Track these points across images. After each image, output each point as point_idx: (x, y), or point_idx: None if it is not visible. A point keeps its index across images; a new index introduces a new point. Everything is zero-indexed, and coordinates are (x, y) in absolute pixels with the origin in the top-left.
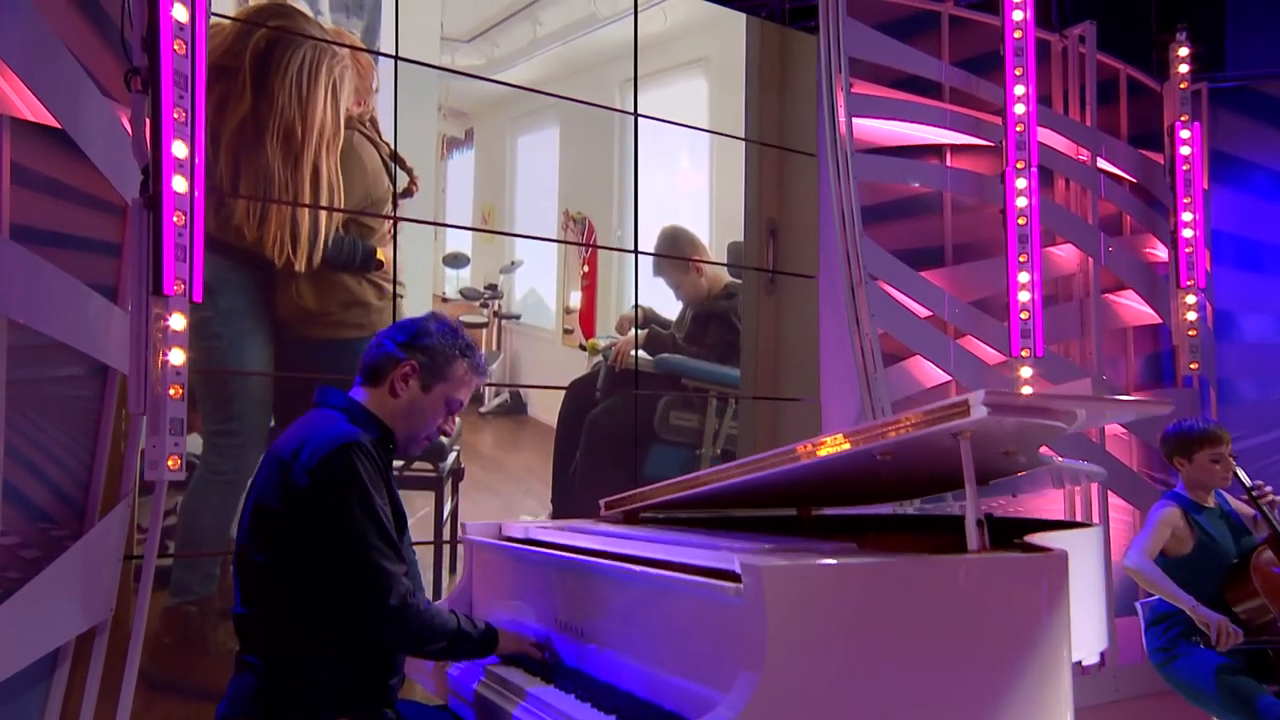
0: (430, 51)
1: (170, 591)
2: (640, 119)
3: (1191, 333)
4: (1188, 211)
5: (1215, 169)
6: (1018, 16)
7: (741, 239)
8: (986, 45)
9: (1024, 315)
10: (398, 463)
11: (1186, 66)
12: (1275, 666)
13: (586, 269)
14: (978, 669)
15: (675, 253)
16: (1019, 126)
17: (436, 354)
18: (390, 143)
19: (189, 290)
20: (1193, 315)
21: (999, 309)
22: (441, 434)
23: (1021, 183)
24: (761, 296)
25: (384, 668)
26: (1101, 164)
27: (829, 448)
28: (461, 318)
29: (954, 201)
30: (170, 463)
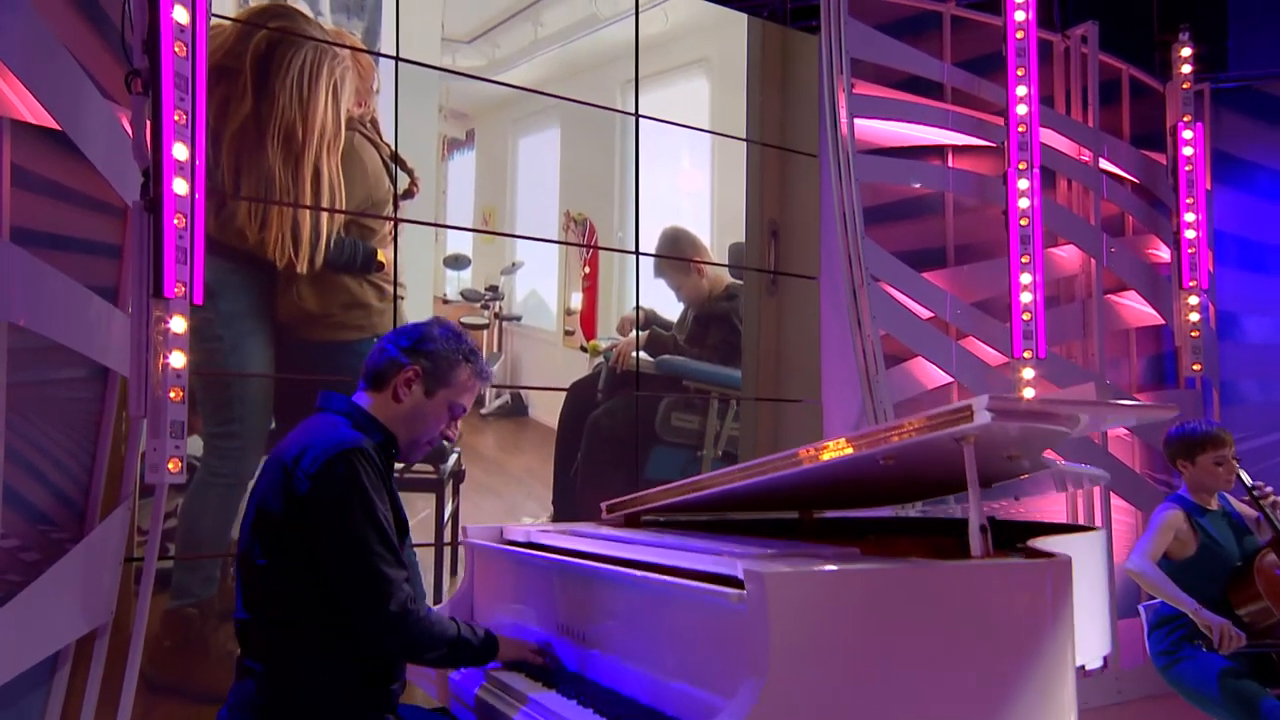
0: (431, 52)
1: (170, 594)
2: (641, 120)
3: (1194, 334)
4: (1190, 212)
5: (1218, 169)
6: (1020, 17)
7: (743, 240)
8: (988, 46)
9: (1026, 316)
10: (398, 466)
11: (1189, 67)
12: (1279, 669)
13: (587, 270)
14: (981, 675)
15: (676, 254)
16: (1021, 127)
17: (440, 359)
18: (391, 144)
19: (189, 293)
20: (1195, 316)
21: (1001, 310)
22: (444, 439)
23: (1023, 183)
24: (763, 298)
25: (386, 673)
26: (1104, 164)
27: (831, 452)
28: (462, 319)
29: (956, 202)
30: (171, 466)
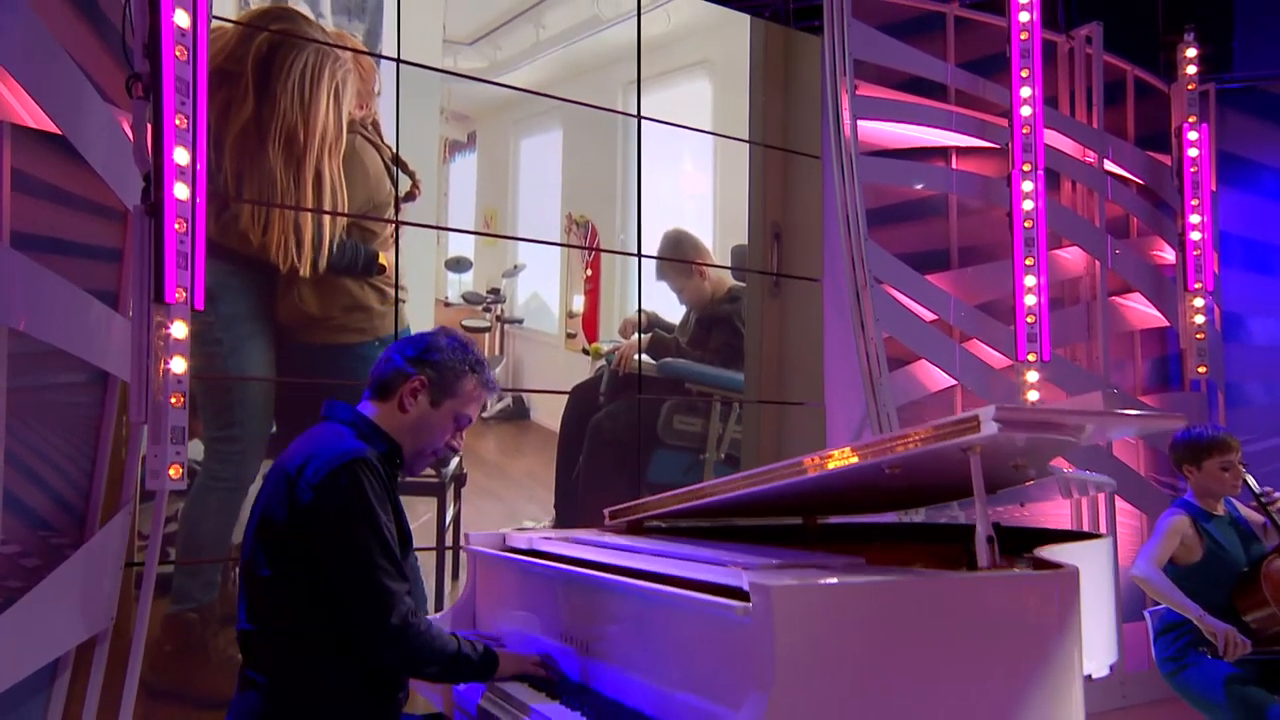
0: (432, 54)
1: (171, 599)
2: (644, 121)
3: (1199, 336)
4: (1195, 213)
5: (1223, 170)
6: (1024, 18)
7: (745, 242)
8: (992, 46)
9: (1030, 319)
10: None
11: (1194, 67)
12: None
13: (589, 272)
14: (988, 687)
15: (678, 256)
16: (1025, 128)
17: (446, 369)
18: (392, 146)
19: (190, 298)
20: (1200, 318)
21: (1005, 313)
22: (449, 450)
23: (1028, 185)
24: (765, 300)
25: (389, 684)
26: (1108, 166)
27: (837, 461)
28: (464, 322)
29: (959, 204)
30: (172, 471)
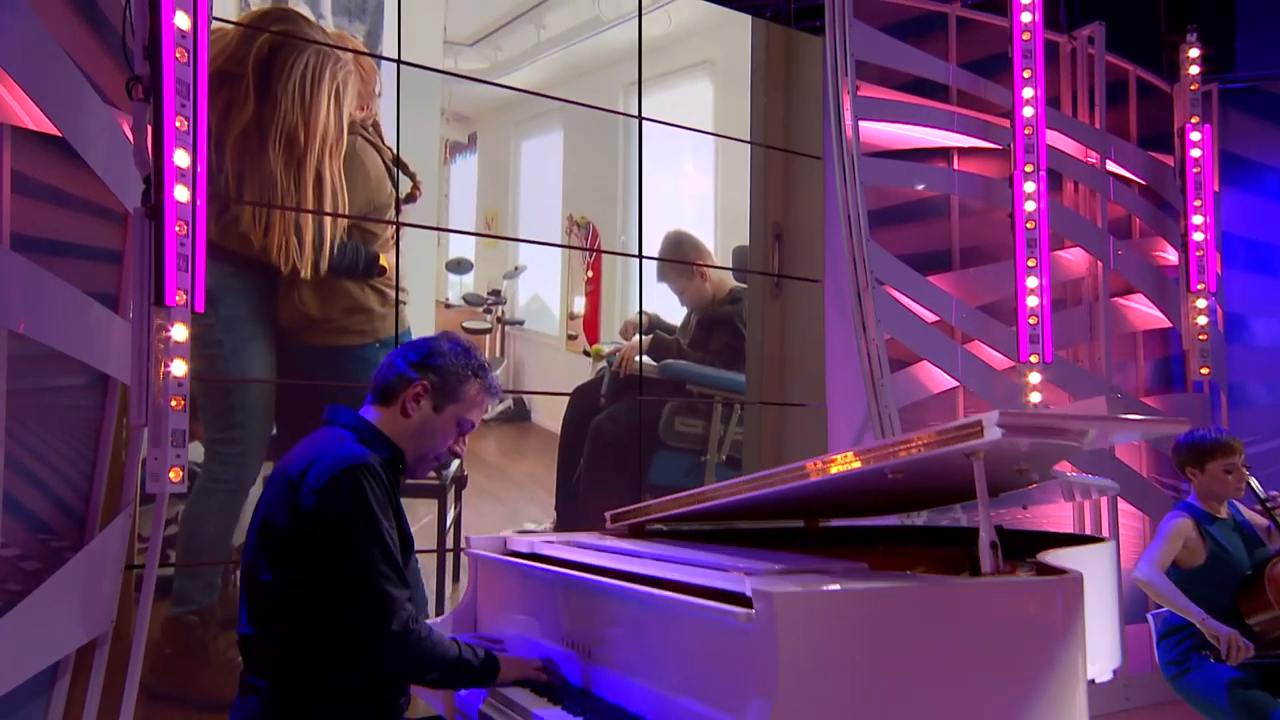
0: (433, 55)
1: (171, 601)
2: (645, 122)
3: (1202, 337)
4: (1198, 214)
5: (1226, 171)
6: (1026, 18)
7: (747, 243)
8: (994, 47)
9: (1032, 320)
10: None
11: (1197, 68)
12: None
13: (590, 274)
14: (992, 693)
15: (679, 258)
16: (1027, 129)
17: (449, 374)
18: (393, 148)
19: (191, 300)
20: (1203, 319)
21: (1007, 314)
22: (452, 455)
23: (1030, 186)
24: (767, 301)
25: (391, 690)
26: (1111, 166)
27: (839, 466)
28: (464, 324)
29: (961, 205)
30: (172, 475)
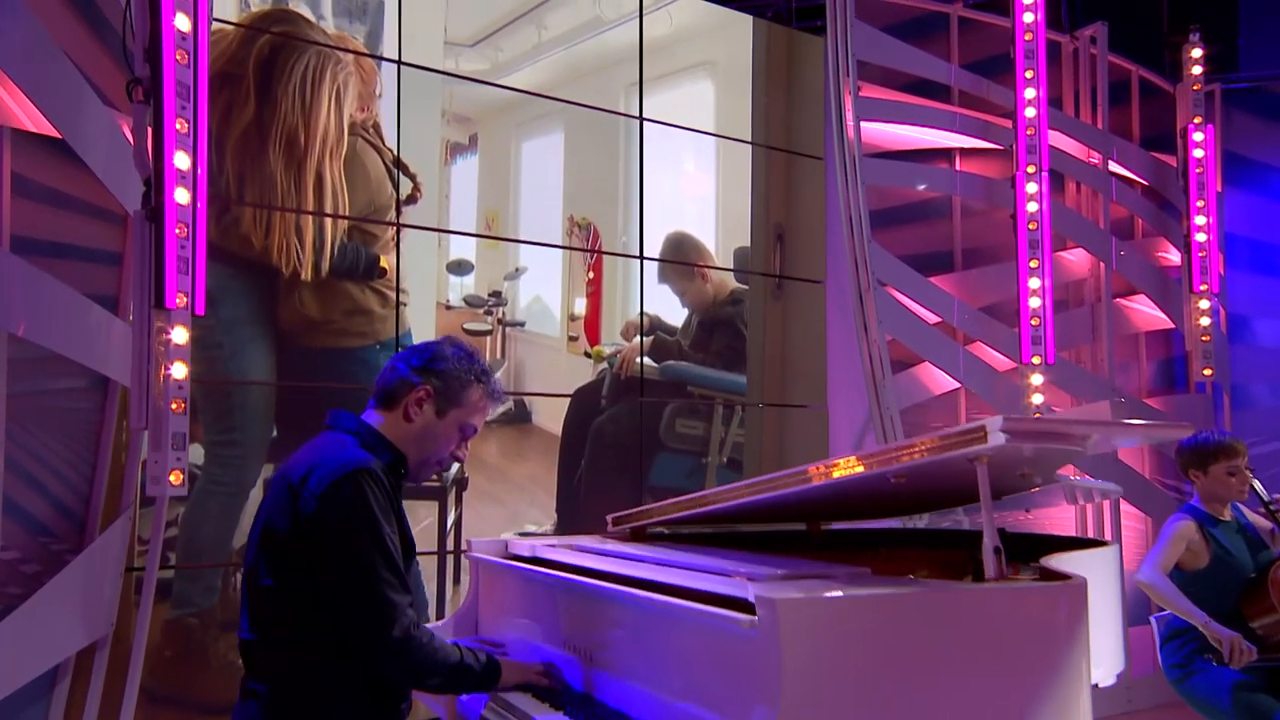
0: (434, 56)
1: (171, 604)
2: (646, 123)
3: (1205, 338)
4: (1201, 215)
5: (1228, 171)
6: (1028, 18)
7: (748, 244)
8: (996, 47)
9: (1035, 321)
10: None
11: (1199, 68)
12: None
13: (591, 275)
14: (997, 698)
15: (680, 259)
16: (1029, 130)
17: (451, 379)
18: (394, 149)
19: (191, 303)
20: (1206, 320)
21: (1009, 315)
22: (454, 459)
23: (1032, 187)
24: (768, 302)
25: (391, 695)
26: (1113, 167)
27: (842, 470)
28: (465, 325)
29: (963, 206)
30: (173, 478)
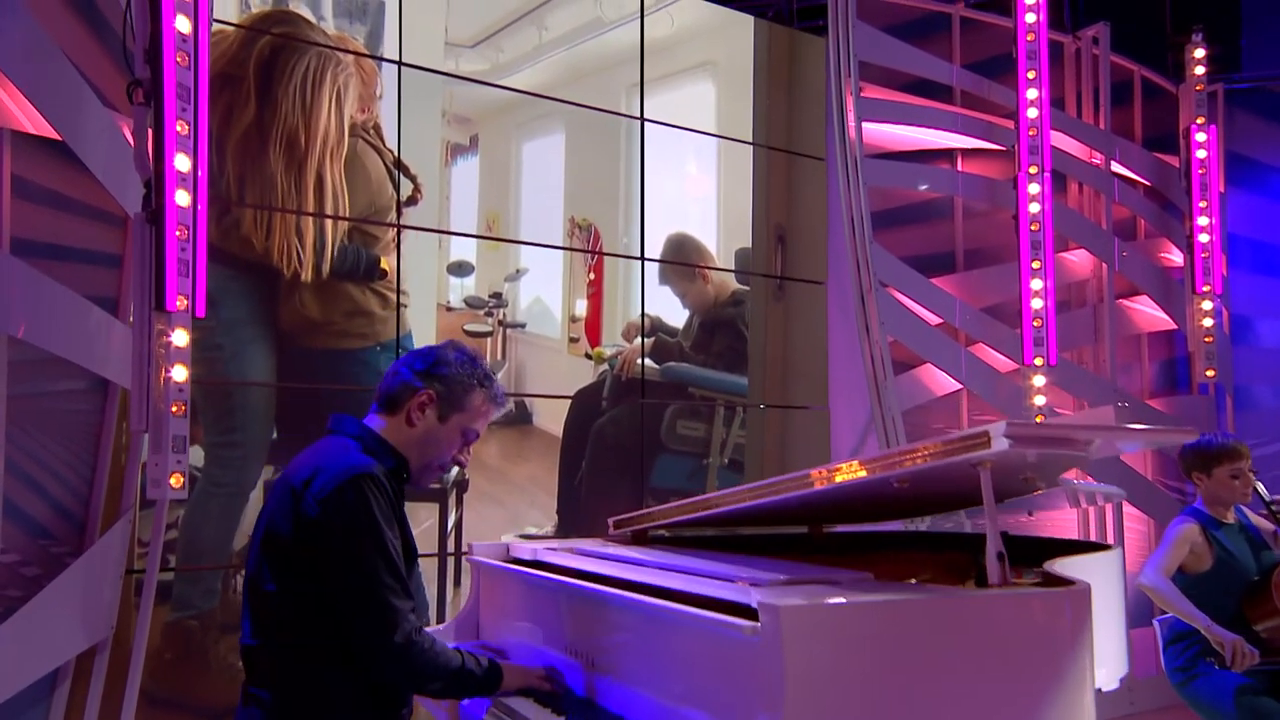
0: (434, 57)
1: (171, 606)
2: (647, 124)
3: (1207, 339)
4: (1203, 215)
5: (1231, 171)
6: (1030, 19)
7: (749, 245)
8: (998, 47)
9: (1037, 323)
10: None
11: (1202, 68)
12: None
13: (592, 276)
14: (1001, 704)
15: (681, 260)
16: (1031, 130)
17: (454, 384)
18: (394, 150)
19: (192, 305)
20: (1209, 321)
21: (1011, 316)
22: (456, 464)
23: (1034, 188)
24: (769, 303)
25: (394, 700)
26: (1115, 167)
27: (845, 475)
28: (466, 327)
29: (965, 207)
30: (173, 480)
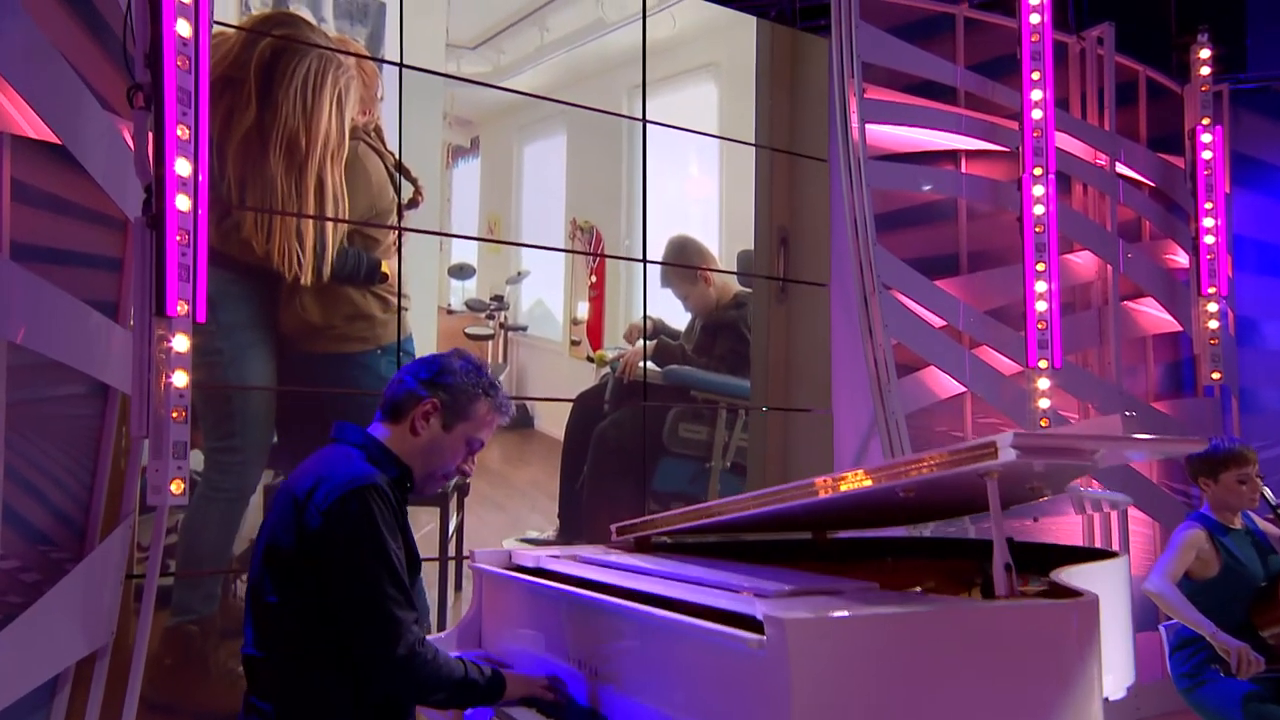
0: (435, 59)
1: (171, 611)
2: (649, 125)
3: (1213, 341)
4: (1209, 217)
5: (1237, 172)
6: (1035, 19)
7: (752, 247)
8: (1002, 48)
9: (1041, 325)
10: None
11: (1207, 68)
12: None
13: (594, 279)
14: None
15: (683, 262)
16: (1036, 131)
17: (459, 393)
18: (395, 152)
19: (192, 310)
20: (1214, 323)
21: (1015, 318)
22: (460, 474)
23: (1038, 189)
24: (772, 305)
25: (397, 711)
26: (1120, 169)
27: (850, 484)
28: (467, 330)
29: (969, 208)
30: (174, 487)
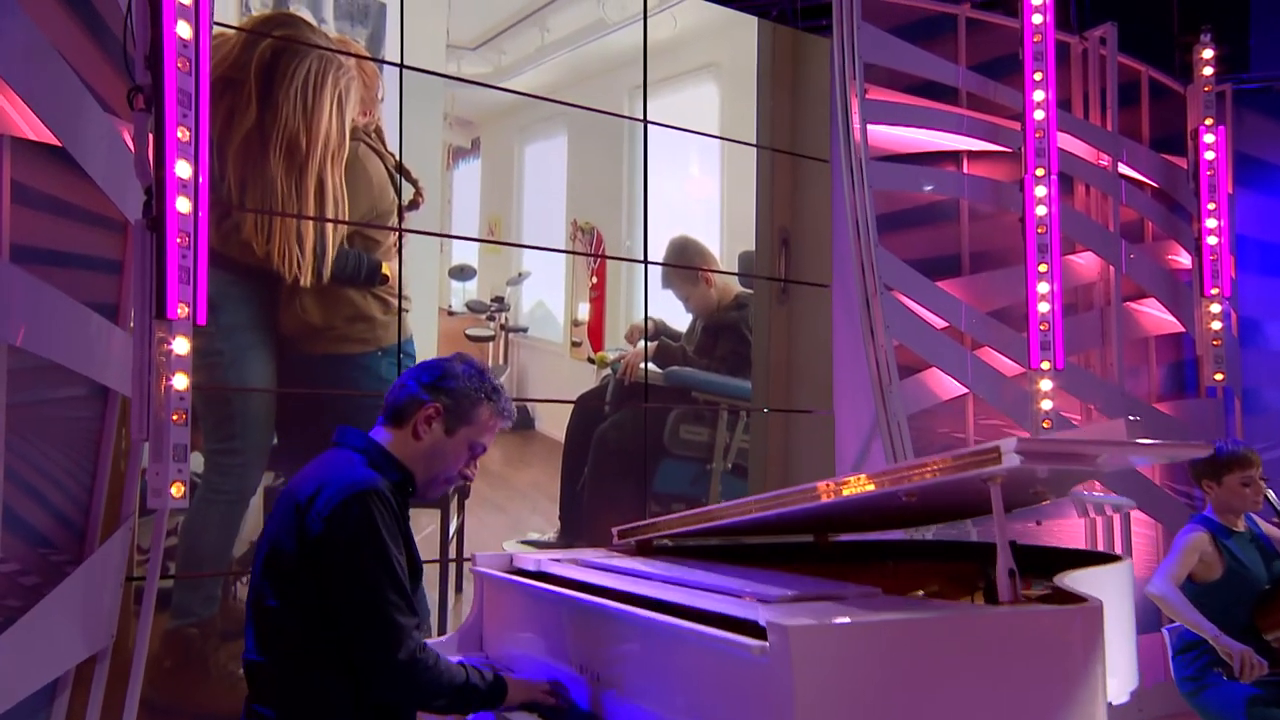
0: (436, 59)
1: (171, 613)
2: (650, 126)
3: (1215, 342)
4: (1212, 217)
5: (1240, 172)
6: (1037, 19)
7: (753, 248)
8: (1004, 48)
9: (1043, 326)
10: None
11: (1210, 68)
12: None
13: (595, 280)
14: None
15: (684, 263)
16: (1038, 132)
17: (461, 397)
18: (395, 153)
19: (193, 313)
20: (1217, 324)
21: (1017, 319)
22: (463, 479)
23: (1041, 190)
24: (773, 306)
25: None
26: (1123, 169)
27: (852, 488)
28: (468, 331)
29: (971, 209)
30: (174, 490)
